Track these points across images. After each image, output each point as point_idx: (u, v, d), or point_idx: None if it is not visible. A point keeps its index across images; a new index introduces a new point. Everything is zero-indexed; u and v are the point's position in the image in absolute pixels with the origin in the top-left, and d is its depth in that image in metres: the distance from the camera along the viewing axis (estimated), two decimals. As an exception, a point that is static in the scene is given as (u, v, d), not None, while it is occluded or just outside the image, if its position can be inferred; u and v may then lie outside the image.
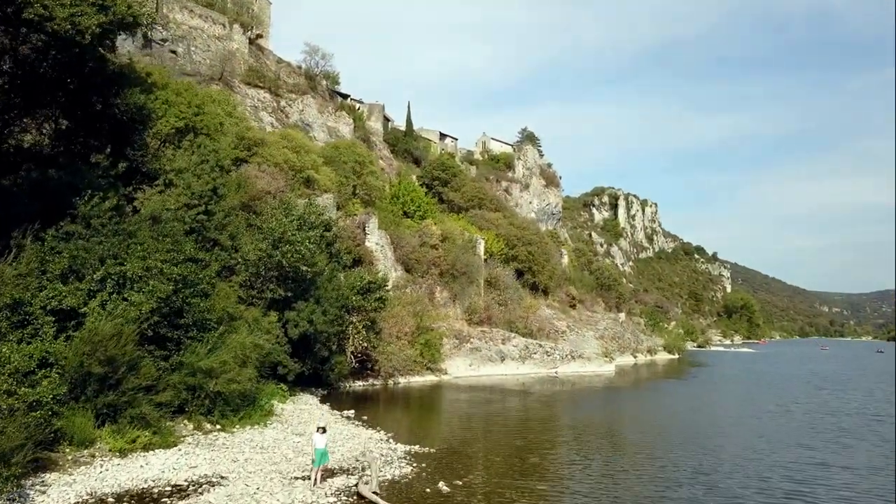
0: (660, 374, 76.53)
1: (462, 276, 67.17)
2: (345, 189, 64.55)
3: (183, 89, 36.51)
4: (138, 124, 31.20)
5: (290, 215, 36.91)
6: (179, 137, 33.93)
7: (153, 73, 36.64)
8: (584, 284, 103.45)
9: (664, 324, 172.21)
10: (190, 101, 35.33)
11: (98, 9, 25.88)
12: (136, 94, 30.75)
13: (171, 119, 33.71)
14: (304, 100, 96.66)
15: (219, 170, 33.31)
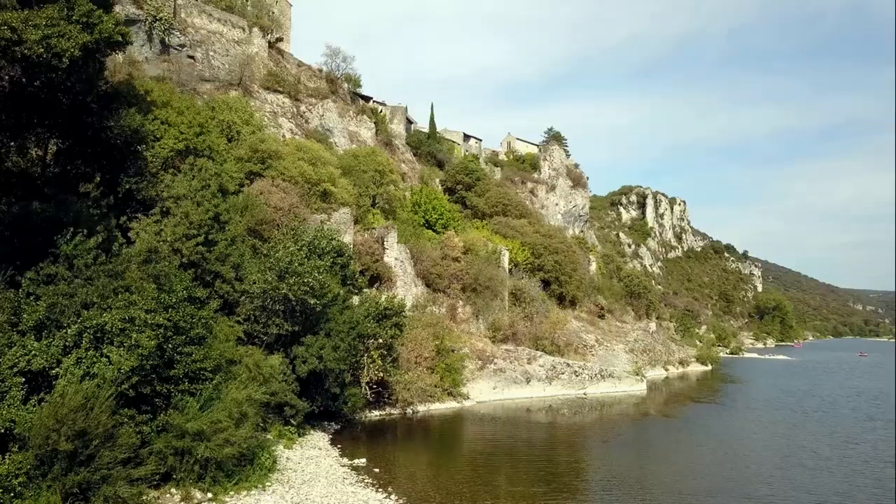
0: (692, 393, 72.75)
1: (485, 291, 64.26)
2: (364, 201, 62.07)
3: (185, 107, 34.19)
4: (134, 148, 28.86)
5: (298, 241, 34.40)
6: (179, 160, 31.59)
7: (153, 90, 34.35)
8: (612, 293, 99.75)
9: (695, 329, 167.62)
10: (191, 121, 32.99)
11: (82, 27, 23.53)
12: (132, 116, 28.42)
13: (170, 141, 31.42)
14: (325, 104, 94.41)
15: (221, 195, 30.87)
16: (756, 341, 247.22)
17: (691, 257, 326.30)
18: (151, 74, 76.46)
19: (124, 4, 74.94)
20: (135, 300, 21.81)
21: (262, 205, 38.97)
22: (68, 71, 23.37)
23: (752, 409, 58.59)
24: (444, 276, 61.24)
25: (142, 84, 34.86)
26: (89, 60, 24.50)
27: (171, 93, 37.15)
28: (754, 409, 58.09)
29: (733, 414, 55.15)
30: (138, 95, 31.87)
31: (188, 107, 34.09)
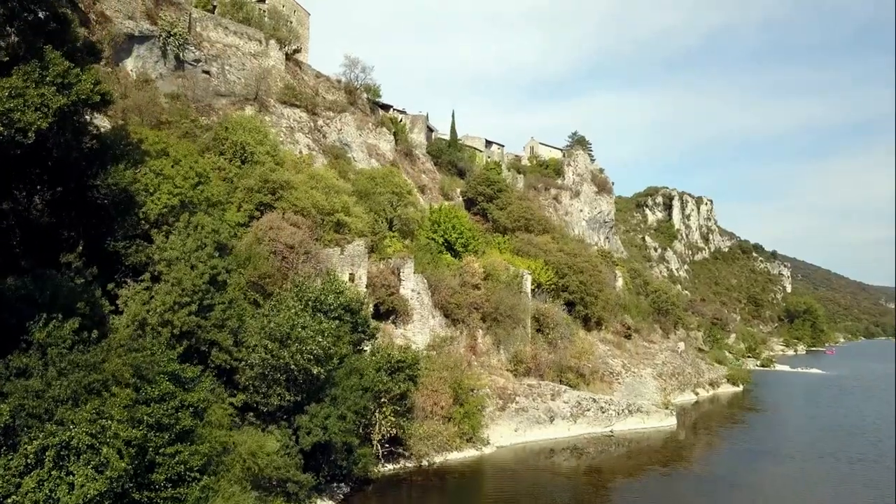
0: (724, 425, 69.25)
1: (507, 320, 61.46)
2: (380, 227, 59.63)
3: (182, 155, 31.85)
4: (122, 207, 26.62)
5: (303, 297, 31.98)
6: (174, 216, 29.30)
7: (147, 137, 32.07)
8: (639, 310, 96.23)
9: (723, 339, 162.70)
10: (187, 173, 30.64)
11: (57, 89, 21.26)
12: (121, 173, 26.17)
13: (164, 196, 29.16)
14: (343, 118, 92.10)
15: (220, 251, 28.55)
16: (787, 348, 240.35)
17: (718, 258, 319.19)
18: (166, 91, 75.05)
19: (138, 21, 73.47)
20: (106, 409, 19.48)
21: (265, 257, 36.52)
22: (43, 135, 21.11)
23: (793, 457, 53.95)
24: (462, 305, 58.57)
25: (136, 131, 32.59)
26: (67, 123, 22.26)
27: (168, 138, 34.77)
28: (794, 458, 53.48)
29: (773, 466, 50.61)
30: (131, 145, 29.62)
31: (186, 154, 31.77)
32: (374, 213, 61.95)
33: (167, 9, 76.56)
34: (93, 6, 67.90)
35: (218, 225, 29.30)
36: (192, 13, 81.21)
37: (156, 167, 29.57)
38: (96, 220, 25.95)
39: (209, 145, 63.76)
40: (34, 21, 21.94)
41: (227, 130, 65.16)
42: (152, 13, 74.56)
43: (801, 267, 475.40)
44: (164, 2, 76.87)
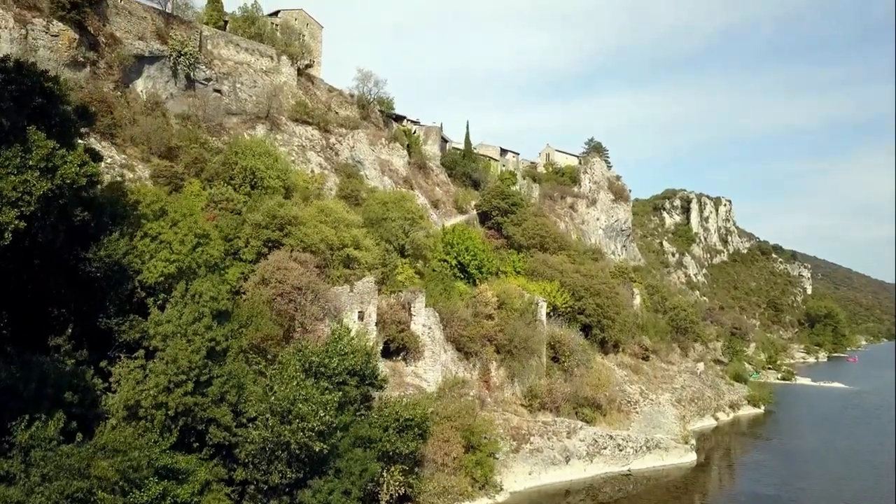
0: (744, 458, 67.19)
1: (521, 352, 59.87)
2: (390, 258, 58.22)
3: (181, 216, 30.49)
4: (116, 280, 25.42)
5: (305, 361, 30.61)
6: (171, 284, 28.03)
7: (145, 196, 30.79)
8: (657, 330, 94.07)
9: (743, 350, 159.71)
10: (185, 235, 29.28)
11: (41, 173, 20.03)
12: (115, 244, 24.97)
13: (160, 265, 27.90)
14: (355, 135, 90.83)
15: (220, 318, 27.26)
16: (807, 355, 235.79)
17: (737, 260, 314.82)
18: (176, 112, 74.18)
19: (148, 41, 72.62)
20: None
21: (267, 316, 35.20)
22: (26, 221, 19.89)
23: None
24: (475, 338, 57.06)
25: (134, 190, 31.31)
26: (52, 207, 21.03)
27: (167, 195, 33.46)
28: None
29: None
30: (126, 207, 28.36)
31: (185, 214, 30.44)
32: (385, 241, 60.58)
33: (178, 28, 75.62)
34: (102, 28, 67.09)
35: (217, 291, 28.02)
36: (203, 31, 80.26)
37: (153, 230, 28.34)
38: (88, 294, 24.76)
39: (218, 171, 62.83)
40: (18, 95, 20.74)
41: (237, 155, 64.08)
42: (162, 33, 73.65)
43: (821, 266, 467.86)
44: (174, 20, 75.99)
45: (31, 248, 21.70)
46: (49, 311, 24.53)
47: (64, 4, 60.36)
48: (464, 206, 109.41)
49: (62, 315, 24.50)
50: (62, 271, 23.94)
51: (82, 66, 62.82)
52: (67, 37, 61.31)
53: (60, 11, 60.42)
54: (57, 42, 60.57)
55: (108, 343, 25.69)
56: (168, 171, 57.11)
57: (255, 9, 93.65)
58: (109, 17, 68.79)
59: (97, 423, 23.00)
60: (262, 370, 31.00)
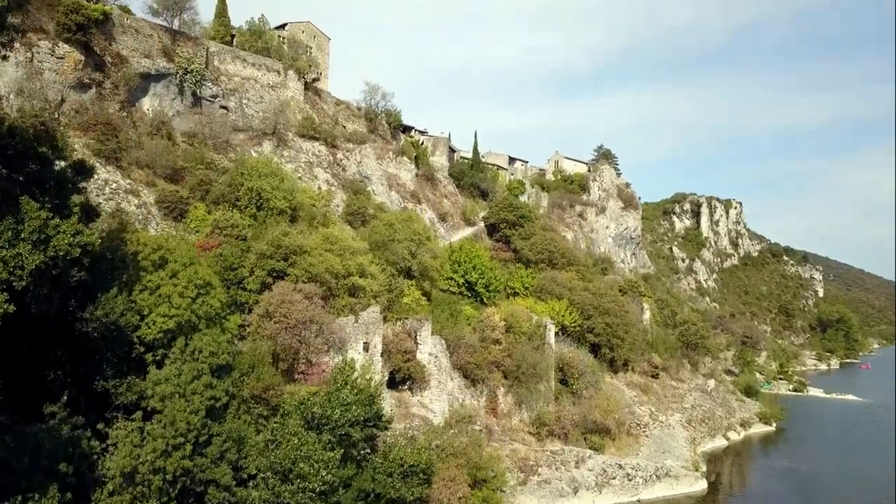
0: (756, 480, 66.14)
1: (529, 378, 59.10)
2: (397, 282, 57.56)
3: (182, 265, 29.78)
4: (113, 340, 24.89)
5: (306, 412, 29.99)
6: (169, 340, 27.46)
7: (146, 245, 30.20)
8: (667, 347, 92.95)
9: (754, 359, 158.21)
10: (185, 289, 28.60)
11: (34, 245, 19.51)
12: (113, 301, 24.44)
13: (160, 320, 27.33)
14: (363, 150, 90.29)
15: (217, 375, 26.70)
16: (819, 362, 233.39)
17: (748, 264, 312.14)
18: (183, 129, 73.84)
19: (154, 59, 72.29)
20: None
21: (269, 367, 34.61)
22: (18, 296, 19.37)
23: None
24: (483, 365, 56.34)
25: (133, 238, 30.72)
26: (44, 278, 20.49)
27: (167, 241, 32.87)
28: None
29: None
30: (126, 259, 27.80)
31: (186, 263, 29.78)
32: (391, 265, 59.96)
33: (184, 44, 75.23)
34: (108, 48, 66.78)
35: (217, 346, 27.43)
36: (210, 47, 79.88)
37: (152, 283, 27.79)
38: (85, 356, 24.25)
39: (224, 192, 62.38)
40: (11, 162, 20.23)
41: (243, 176, 63.64)
42: (169, 50, 73.30)
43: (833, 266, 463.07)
44: (181, 37, 75.62)
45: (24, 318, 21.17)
46: (45, 375, 24.06)
47: (70, 27, 60.08)
48: (472, 219, 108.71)
49: (58, 378, 24.02)
50: (58, 333, 23.46)
51: (88, 87, 62.55)
52: (73, 58, 61.01)
53: (66, 34, 60.15)
54: (63, 64, 60.28)
55: (105, 404, 25.17)
56: (173, 195, 56.73)
57: (263, 23, 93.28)
58: (116, 36, 68.48)
59: (94, 490, 22.51)
60: (262, 415, 30.41)
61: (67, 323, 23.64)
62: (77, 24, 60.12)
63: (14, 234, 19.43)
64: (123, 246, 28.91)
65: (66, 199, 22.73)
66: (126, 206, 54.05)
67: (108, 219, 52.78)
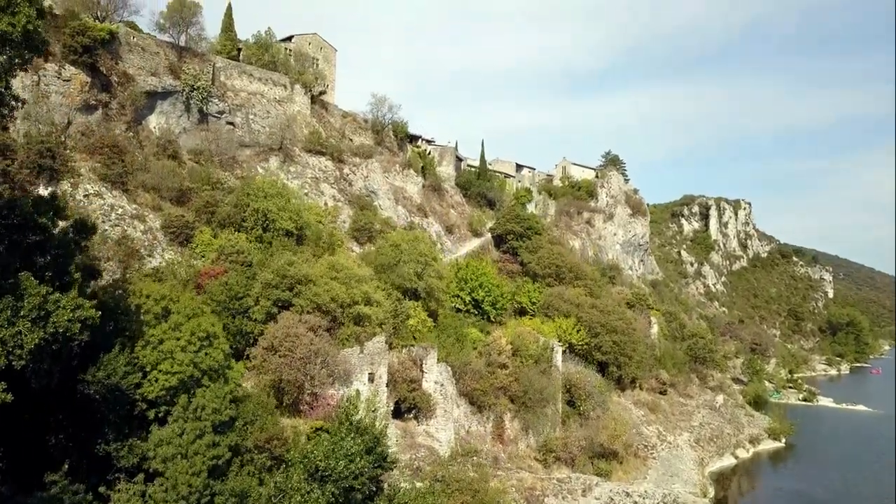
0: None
1: (536, 404, 58.73)
2: (403, 306, 57.27)
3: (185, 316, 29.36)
4: (115, 401, 24.69)
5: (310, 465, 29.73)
6: (172, 396, 27.22)
7: (150, 294, 29.96)
8: (675, 362, 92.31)
9: (763, 367, 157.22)
10: (188, 343, 28.21)
11: (33, 322, 19.30)
12: (114, 359, 24.22)
13: (162, 377, 27.05)
14: (369, 164, 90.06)
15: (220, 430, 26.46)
16: (829, 367, 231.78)
17: (757, 266, 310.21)
18: (189, 147, 73.81)
19: (161, 76, 72.20)
20: None
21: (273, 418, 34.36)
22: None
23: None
24: (489, 391, 56.01)
25: (136, 289, 30.48)
26: (44, 355, 20.28)
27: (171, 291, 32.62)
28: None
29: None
30: (129, 313, 27.57)
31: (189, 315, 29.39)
32: (396, 287, 59.72)
33: (191, 61, 75.10)
34: (115, 67, 66.68)
35: (220, 402, 27.14)
36: (217, 62, 79.72)
37: (154, 337, 27.55)
38: (86, 419, 24.05)
39: (230, 213, 62.24)
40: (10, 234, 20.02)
41: (249, 196, 63.50)
42: (175, 67, 73.18)
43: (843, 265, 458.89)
44: (187, 53, 75.50)
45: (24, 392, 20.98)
46: (45, 441, 23.90)
47: (76, 49, 60.03)
48: (479, 229, 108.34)
49: (59, 442, 23.85)
50: (59, 399, 23.28)
51: (94, 108, 62.53)
52: (79, 80, 60.99)
53: (72, 56, 60.10)
54: (69, 87, 60.26)
55: (107, 466, 24.99)
56: (179, 220, 56.61)
57: (269, 36, 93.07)
58: (122, 54, 68.37)
59: (95, 556, 22.36)
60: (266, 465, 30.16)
61: (68, 387, 23.43)
62: (83, 46, 60.06)
63: (13, 311, 19.24)
64: (126, 297, 28.72)
65: (67, 265, 22.52)
66: (132, 233, 53.99)
67: (114, 246, 53.11)
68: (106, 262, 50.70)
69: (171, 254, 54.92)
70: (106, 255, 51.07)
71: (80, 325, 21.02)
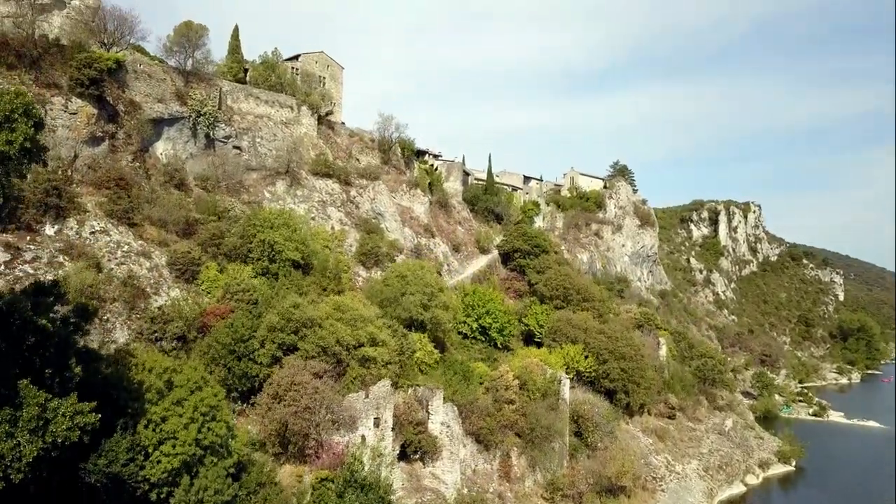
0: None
1: (544, 441, 58.28)
2: (409, 341, 56.90)
3: (189, 391, 28.95)
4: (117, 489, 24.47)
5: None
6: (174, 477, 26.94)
7: (154, 368, 29.64)
8: (684, 385, 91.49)
9: (773, 381, 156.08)
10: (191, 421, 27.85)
11: (32, 432, 19.06)
12: (116, 445, 23.95)
13: (164, 460, 26.74)
14: (376, 186, 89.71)
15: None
16: (840, 375, 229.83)
17: (767, 269, 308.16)
18: (196, 172, 73.69)
19: (168, 103, 72.13)
20: None
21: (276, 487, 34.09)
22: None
23: None
24: (495, 429, 55.61)
25: (139, 362, 30.17)
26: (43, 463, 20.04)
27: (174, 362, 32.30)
28: None
29: None
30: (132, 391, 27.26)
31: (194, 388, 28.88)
32: (402, 322, 59.44)
33: (197, 86, 74.95)
34: (121, 96, 66.61)
35: (223, 483, 26.85)
36: (223, 86, 79.59)
37: (157, 415, 27.27)
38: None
39: (236, 245, 62.01)
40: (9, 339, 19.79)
41: (255, 227, 63.34)
42: (182, 93, 73.07)
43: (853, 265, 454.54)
44: (194, 78, 75.35)
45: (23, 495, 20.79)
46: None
47: (83, 81, 59.94)
48: (486, 246, 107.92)
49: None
50: (59, 492, 23.06)
51: (101, 140, 62.46)
52: (86, 113, 60.89)
53: (79, 88, 60.03)
54: (75, 120, 60.19)
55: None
56: (185, 257, 56.39)
57: (276, 56, 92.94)
58: (129, 82, 68.38)
59: None
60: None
61: (68, 478, 23.23)
62: (90, 78, 59.95)
63: (12, 422, 19.02)
64: (129, 372, 28.45)
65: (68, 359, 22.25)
66: (137, 270, 53.83)
67: (120, 286, 52.99)
68: (112, 304, 50.78)
69: (176, 291, 54.72)
70: (112, 295, 51.07)
71: (80, 432, 20.78)
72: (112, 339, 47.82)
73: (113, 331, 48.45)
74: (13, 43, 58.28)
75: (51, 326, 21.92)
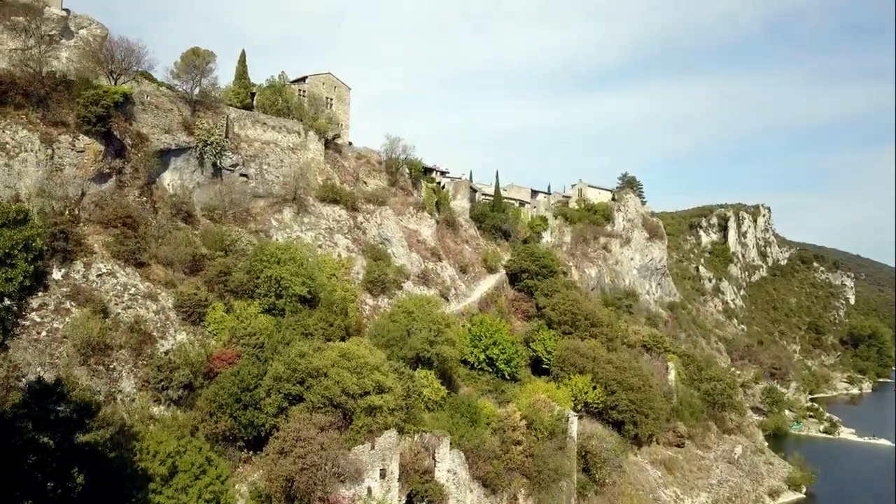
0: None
1: (552, 484, 57.91)
2: (415, 384, 56.60)
3: (195, 474, 28.90)
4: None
5: None
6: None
7: (158, 452, 29.49)
8: (692, 411, 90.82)
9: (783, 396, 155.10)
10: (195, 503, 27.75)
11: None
12: None
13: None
14: (383, 211, 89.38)
15: None
16: (850, 385, 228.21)
17: (777, 274, 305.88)
18: (203, 202, 73.58)
19: (175, 133, 71.99)
20: None
21: None
22: None
23: None
24: (502, 473, 55.27)
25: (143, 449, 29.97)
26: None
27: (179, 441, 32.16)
28: None
29: None
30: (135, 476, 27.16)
31: (199, 473, 28.76)
32: (408, 361, 59.19)
33: (204, 114, 74.70)
34: (129, 129, 66.50)
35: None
36: (230, 114, 79.45)
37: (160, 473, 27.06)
38: None
39: (243, 281, 61.82)
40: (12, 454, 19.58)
41: (262, 262, 63.15)
42: (189, 122, 72.90)
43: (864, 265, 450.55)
44: (201, 107, 75.13)
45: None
46: None
47: (90, 119, 59.74)
48: (493, 265, 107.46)
49: None
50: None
51: (108, 177, 62.24)
52: (93, 150, 60.67)
53: (87, 126, 59.86)
54: (83, 158, 59.99)
55: None
56: (191, 299, 56.19)
57: (283, 79, 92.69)
58: (136, 115, 68.24)
59: None
60: None
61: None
62: (98, 115, 59.74)
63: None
64: (133, 457, 28.31)
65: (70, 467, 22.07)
66: (144, 314, 53.68)
67: (127, 332, 52.93)
68: (118, 351, 50.72)
69: (183, 334, 54.58)
70: (119, 342, 51.00)
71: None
72: (118, 389, 47.76)
73: (119, 380, 48.31)
74: (20, 82, 58.15)
75: (53, 444, 21.80)
